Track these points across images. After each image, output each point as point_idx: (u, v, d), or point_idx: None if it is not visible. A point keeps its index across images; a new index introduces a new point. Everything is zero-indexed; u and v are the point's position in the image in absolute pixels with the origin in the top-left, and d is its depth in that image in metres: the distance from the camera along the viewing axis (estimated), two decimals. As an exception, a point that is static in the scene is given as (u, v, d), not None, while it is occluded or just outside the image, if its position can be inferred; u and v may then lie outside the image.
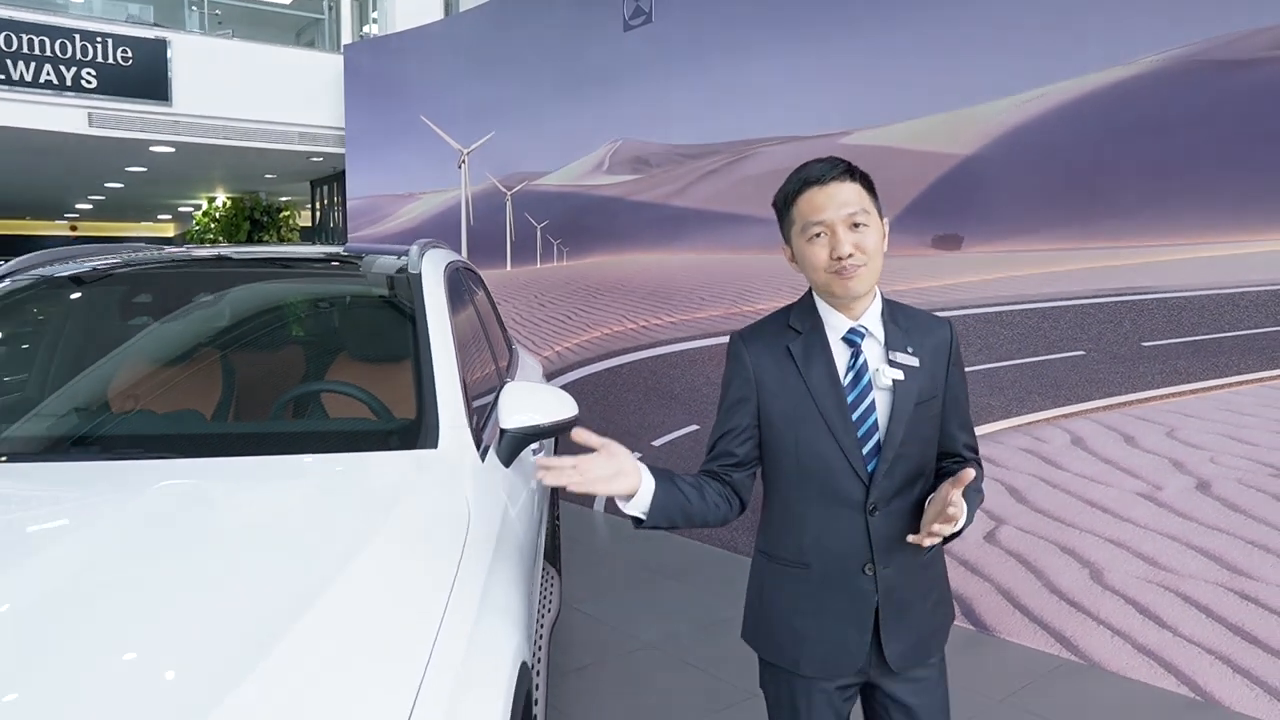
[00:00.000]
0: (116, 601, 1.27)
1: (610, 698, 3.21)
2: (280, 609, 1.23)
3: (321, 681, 1.12)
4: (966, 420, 1.69)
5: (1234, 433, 3.07)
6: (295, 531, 1.50)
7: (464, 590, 1.41)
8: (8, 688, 1.07)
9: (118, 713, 1.04)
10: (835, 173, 1.55)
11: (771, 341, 1.62)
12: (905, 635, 1.62)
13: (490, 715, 1.25)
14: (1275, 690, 2.98)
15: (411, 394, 2.14)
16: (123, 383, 2.34)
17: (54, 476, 1.77)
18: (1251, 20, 3.00)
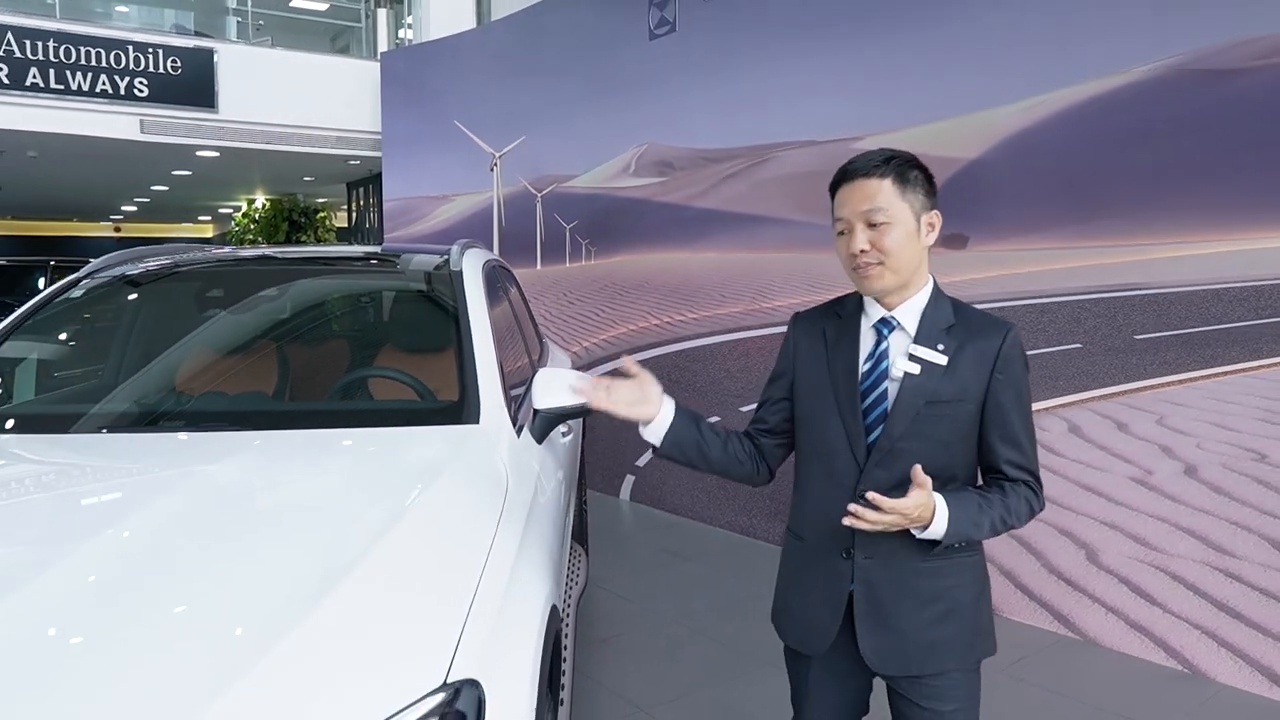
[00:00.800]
0: (216, 538, 1.55)
1: (633, 666, 3.46)
2: (350, 548, 1.50)
3: (385, 608, 1.38)
4: (1013, 435, 1.56)
5: (1219, 420, 3.26)
6: (360, 487, 1.77)
7: (503, 539, 1.67)
8: (136, 597, 1.35)
9: (226, 621, 1.31)
10: (864, 168, 1.55)
11: (815, 323, 1.68)
12: (883, 635, 1.57)
13: (526, 644, 1.50)
14: (1257, 663, 3.16)
15: (452, 380, 2.40)
16: (198, 366, 2.64)
17: (152, 445, 2.06)
18: (1237, 33, 3.18)
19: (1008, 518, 1.56)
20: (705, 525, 5.34)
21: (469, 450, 2.00)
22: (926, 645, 1.57)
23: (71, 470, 1.96)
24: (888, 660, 1.59)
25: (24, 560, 1.47)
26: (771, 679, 3.21)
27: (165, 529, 1.53)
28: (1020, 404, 1.58)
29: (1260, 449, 3.16)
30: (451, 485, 1.78)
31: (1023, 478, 1.58)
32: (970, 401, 1.55)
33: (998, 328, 1.57)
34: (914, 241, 1.54)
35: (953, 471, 1.57)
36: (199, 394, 2.50)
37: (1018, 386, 1.57)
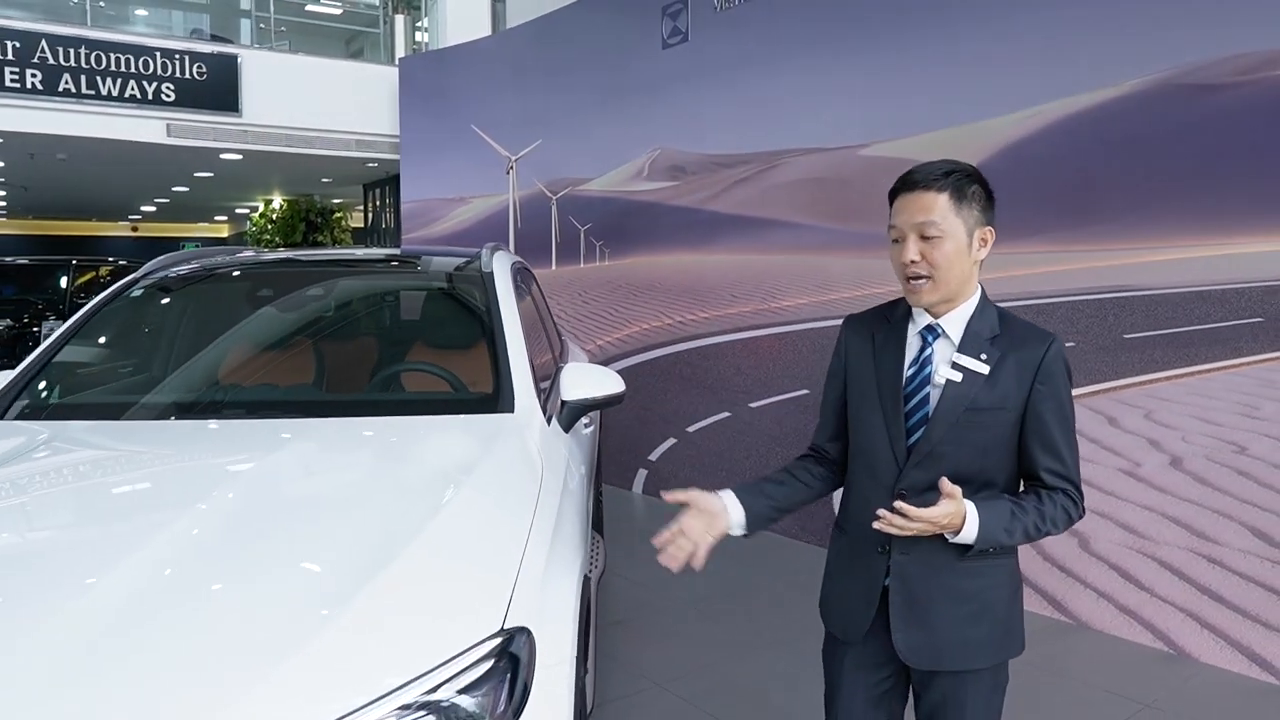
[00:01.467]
0: (293, 509, 1.77)
1: (648, 645, 3.66)
2: (414, 517, 1.71)
3: (448, 567, 1.60)
4: (1053, 444, 1.58)
5: (1202, 414, 3.45)
6: (417, 465, 1.99)
7: (542, 513, 1.87)
8: (236, 556, 1.57)
9: (312, 579, 1.53)
10: (924, 180, 1.57)
11: (866, 326, 1.72)
12: (915, 630, 1.62)
13: (566, 599, 1.71)
14: (1238, 643, 3.35)
15: (481, 373, 2.62)
16: (250, 359, 2.86)
17: (221, 430, 2.28)
18: (1220, 49, 3.37)
19: (1042, 525, 1.58)
20: (715, 517, 5.53)
21: (506, 436, 2.21)
22: (958, 643, 1.61)
23: (157, 451, 2.17)
24: (919, 654, 1.63)
25: (137, 524, 1.69)
26: (778, 659, 3.43)
27: (252, 501, 1.75)
28: (1060, 414, 1.59)
29: (1240, 441, 3.35)
30: (495, 465, 2.00)
31: (1061, 486, 1.59)
32: (1010, 410, 1.57)
33: (1042, 339, 1.60)
34: (964, 256, 1.57)
35: (990, 476, 1.59)
36: (253, 385, 2.73)
37: (1059, 397, 1.59)
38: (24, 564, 1.59)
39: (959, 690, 1.64)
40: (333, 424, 2.26)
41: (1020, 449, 1.60)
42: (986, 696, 1.66)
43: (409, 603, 1.47)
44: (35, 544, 1.72)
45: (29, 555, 1.65)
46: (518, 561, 1.60)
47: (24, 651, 1.29)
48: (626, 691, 3.23)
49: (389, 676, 1.33)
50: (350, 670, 1.33)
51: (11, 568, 1.57)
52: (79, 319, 2.81)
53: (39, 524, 1.81)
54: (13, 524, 1.78)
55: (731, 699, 3.18)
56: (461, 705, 1.36)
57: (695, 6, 5.67)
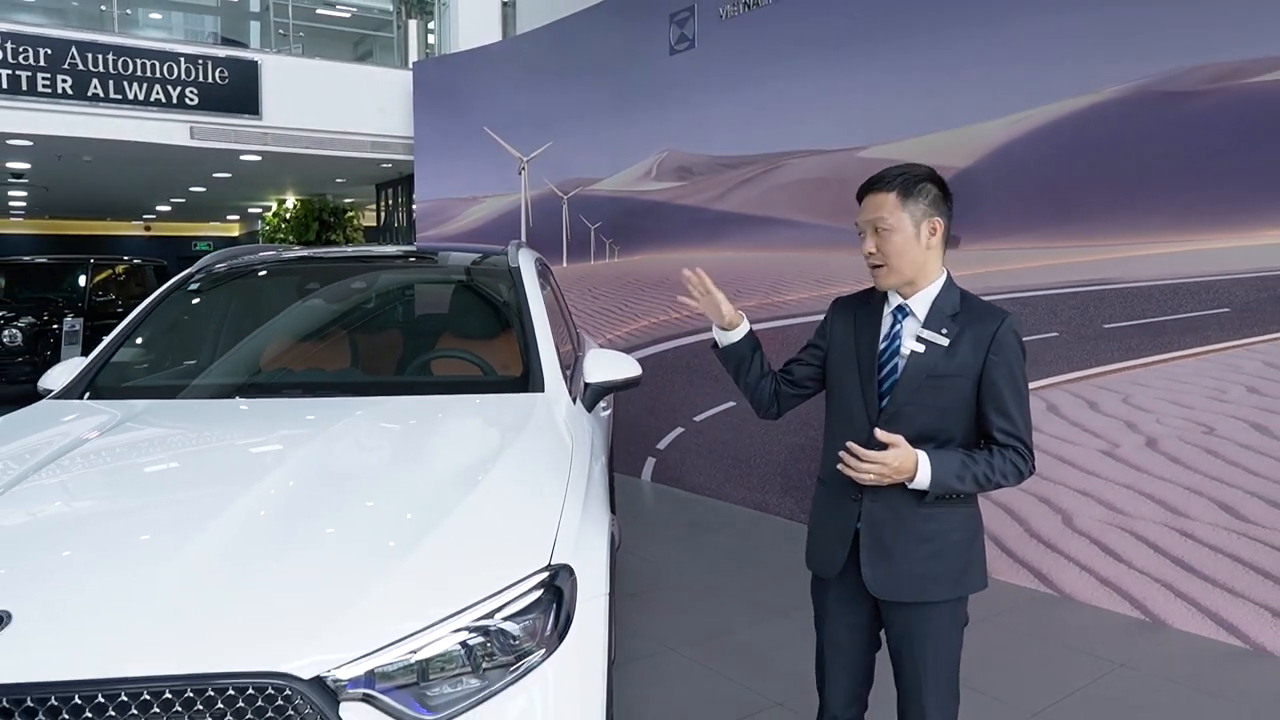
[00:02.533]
0: (365, 466, 2.05)
1: (661, 614, 3.93)
2: (467, 475, 1.98)
3: (502, 514, 1.86)
4: (1004, 406, 1.79)
5: (1175, 398, 3.71)
6: (468, 432, 2.28)
7: (576, 473, 2.14)
8: (330, 500, 1.85)
9: (387, 522, 1.80)
10: (876, 183, 1.86)
11: (848, 306, 2.00)
12: (881, 564, 1.85)
13: (600, 544, 1.96)
14: (1207, 610, 3.61)
15: (508, 359, 2.89)
16: (298, 345, 3.15)
17: (289, 406, 2.56)
18: (1194, 58, 3.63)
19: (991, 475, 1.79)
20: (723, 502, 5.81)
21: (539, 411, 2.48)
22: (918, 577, 1.84)
23: (233, 422, 2.45)
24: (884, 586, 1.86)
25: (237, 478, 1.97)
26: (783, 626, 3.70)
27: (330, 460, 2.03)
28: (1011, 380, 1.80)
29: (1209, 423, 3.62)
30: (533, 433, 2.28)
31: (1011, 443, 1.81)
32: (967, 377, 1.80)
33: (996, 316, 1.83)
34: (913, 245, 1.82)
35: (950, 435, 1.83)
36: (303, 369, 3.01)
37: (1009, 365, 1.80)
38: (151, 508, 1.88)
39: (921, 623, 1.88)
40: (385, 400, 2.54)
41: (976, 411, 1.84)
42: (946, 631, 1.89)
43: (468, 543, 1.74)
44: (154, 494, 2.00)
45: (152, 503, 1.93)
46: (559, 511, 1.87)
47: (174, 561, 1.59)
48: (642, 654, 3.50)
49: (450, 603, 1.59)
50: (420, 597, 1.59)
51: (138, 513, 1.85)
52: (143, 310, 3.09)
53: (152, 480, 2.10)
54: (128, 481, 2.07)
55: (737, 660, 3.45)
56: (508, 630, 1.62)
57: (702, 14, 5.94)
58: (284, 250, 3.65)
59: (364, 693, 1.46)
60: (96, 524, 1.83)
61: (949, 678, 1.92)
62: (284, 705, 1.41)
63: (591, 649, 1.74)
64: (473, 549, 1.72)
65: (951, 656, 1.91)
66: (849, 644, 2.00)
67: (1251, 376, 3.50)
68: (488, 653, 1.59)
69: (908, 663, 1.92)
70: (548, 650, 1.65)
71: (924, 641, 1.88)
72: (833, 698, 2.05)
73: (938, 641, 1.88)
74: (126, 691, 1.38)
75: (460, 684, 1.56)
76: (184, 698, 1.39)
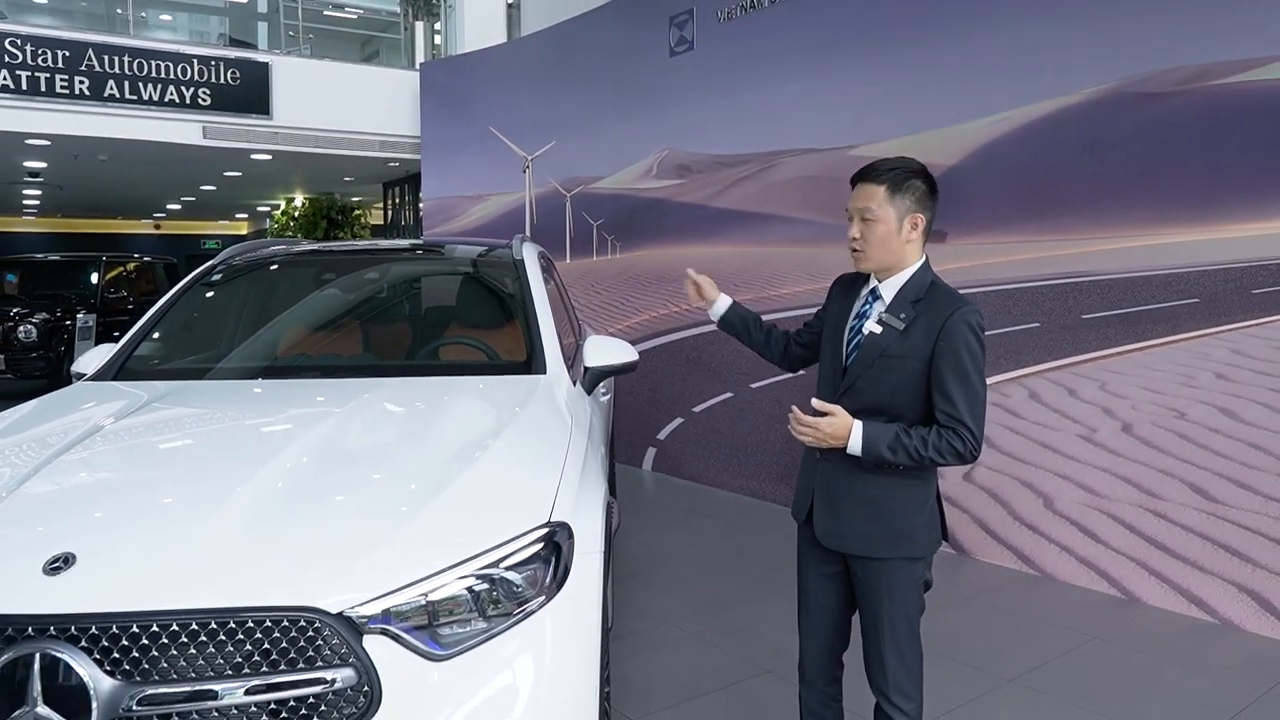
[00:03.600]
0: (384, 434, 2.25)
1: (659, 592, 4.12)
2: (475, 442, 2.17)
3: (507, 476, 2.05)
4: (947, 390, 1.92)
5: (1148, 384, 3.89)
6: (478, 407, 2.47)
7: (575, 443, 2.32)
8: (355, 458, 2.04)
9: (406, 480, 1.99)
10: (868, 174, 2.00)
11: (845, 283, 2.19)
12: (828, 517, 2.07)
13: (596, 506, 2.15)
14: (1178, 586, 3.79)
15: (512, 346, 3.08)
16: (315, 332, 3.35)
17: (306, 385, 2.75)
18: (1165, 61, 3.80)
19: (924, 450, 1.91)
20: (720, 490, 6.00)
21: (541, 390, 2.66)
22: (862, 535, 2.02)
23: (262, 398, 2.65)
24: (829, 536, 2.07)
25: (270, 441, 2.18)
26: (773, 604, 3.89)
27: (353, 427, 2.24)
28: (957, 366, 1.91)
29: (1180, 408, 3.79)
30: (536, 407, 2.46)
31: (951, 424, 1.92)
32: (917, 360, 1.94)
33: (951, 305, 1.94)
34: (894, 237, 1.97)
35: (899, 412, 1.97)
36: (320, 354, 3.21)
37: (957, 353, 1.91)
38: (192, 469, 2.09)
39: (876, 578, 2.04)
40: (400, 380, 2.74)
41: (926, 393, 1.98)
42: (902, 587, 2.03)
43: (475, 501, 1.92)
44: (193, 458, 2.20)
45: (193, 465, 2.14)
46: (559, 475, 2.06)
47: (216, 513, 1.79)
48: (641, 628, 3.69)
49: (459, 553, 1.77)
50: (432, 547, 1.78)
51: (181, 473, 2.07)
52: (169, 299, 3.28)
53: (191, 446, 2.30)
54: (170, 447, 2.27)
55: (730, 633, 3.64)
56: (511, 578, 1.80)
57: (700, 17, 6.12)
58: (298, 244, 3.84)
59: (383, 628, 1.65)
60: (145, 481, 2.03)
61: (908, 631, 2.06)
62: (314, 635, 1.61)
63: (587, 598, 1.93)
64: (480, 506, 1.91)
65: (908, 610, 2.05)
66: (820, 595, 2.17)
67: (1219, 364, 3.68)
68: (493, 598, 1.77)
69: (867, 612, 2.08)
70: (547, 597, 1.83)
71: (880, 595, 2.04)
72: (808, 650, 2.22)
73: (894, 596, 2.03)
74: (178, 621, 1.57)
75: (468, 625, 1.75)
76: (228, 628, 1.58)
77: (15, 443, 2.28)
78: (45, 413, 2.55)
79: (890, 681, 2.07)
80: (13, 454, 2.16)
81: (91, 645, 1.55)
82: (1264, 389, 3.55)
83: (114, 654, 1.55)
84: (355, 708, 1.62)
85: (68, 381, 3.03)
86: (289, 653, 1.59)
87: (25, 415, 2.52)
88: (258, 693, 1.57)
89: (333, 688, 1.60)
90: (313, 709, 1.60)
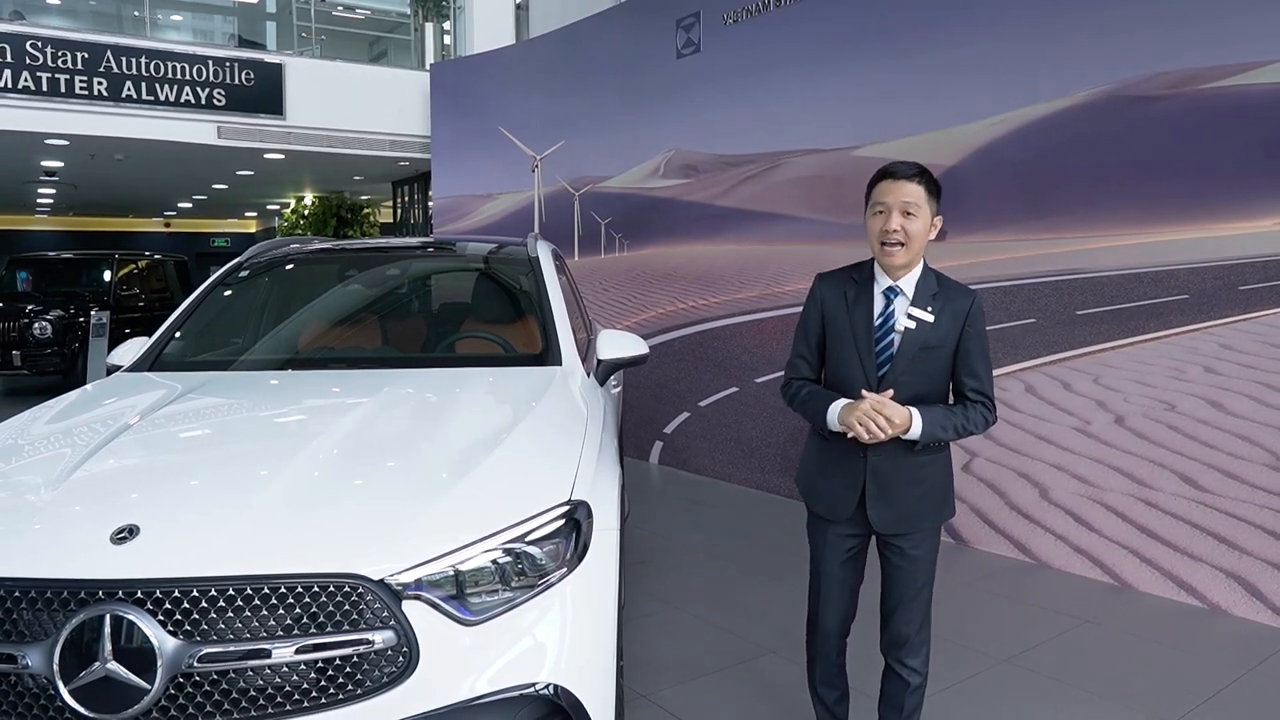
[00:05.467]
0: (414, 419, 2.41)
1: (666, 578, 4.26)
2: (499, 426, 2.32)
3: (530, 457, 2.19)
4: (975, 370, 2.17)
5: (1140, 377, 4.03)
6: (499, 394, 2.62)
7: (591, 429, 2.47)
8: (390, 439, 2.19)
9: (435, 462, 2.13)
10: (907, 172, 2.12)
11: (837, 285, 2.28)
12: (885, 507, 2.19)
13: (612, 487, 2.28)
14: (1169, 573, 3.92)
15: (527, 340, 3.22)
16: (339, 326, 3.50)
17: (335, 375, 2.91)
18: (1154, 66, 3.94)
19: (967, 425, 2.16)
20: (725, 483, 6.15)
21: (558, 380, 2.81)
22: (914, 514, 2.21)
23: (294, 386, 2.81)
24: (887, 523, 2.22)
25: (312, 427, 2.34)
26: (778, 589, 4.04)
27: (384, 413, 2.39)
28: (981, 347, 2.18)
29: (1171, 400, 3.93)
30: (554, 396, 2.61)
31: (979, 399, 2.19)
32: (948, 347, 2.16)
33: (967, 295, 2.20)
34: (925, 234, 2.14)
35: (935, 396, 2.19)
36: (344, 347, 3.36)
37: (980, 335, 2.18)
38: (241, 449, 2.25)
39: (912, 549, 2.25)
40: (422, 371, 2.89)
41: (952, 374, 2.20)
42: (932, 554, 2.29)
43: (501, 481, 2.06)
44: (241, 439, 2.36)
45: (241, 445, 2.30)
46: (577, 457, 2.21)
47: (266, 488, 1.94)
48: (650, 611, 3.84)
49: (487, 528, 1.90)
50: (461, 522, 1.91)
51: (232, 452, 2.23)
52: (198, 296, 3.43)
53: (237, 428, 2.46)
54: (218, 429, 2.45)
55: (736, 616, 3.79)
56: (531, 552, 1.94)
57: (707, 20, 6.26)
58: (319, 241, 3.99)
59: (420, 594, 1.80)
60: (198, 461, 2.19)
61: (928, 593, 2.31)
62: (358, 600, 1.75)
63: (605, 571, 2.08)
64: (505, 486, 2.05)
65: (931, 572, 2.29)
66: (842, 577, 2.34)
67: (1208, 357, 3.81)
68: (518, 570, 1.92)
69: (898, 583, 2.28)
70: (569, 569, 1.98)
71: (916, 566, 2.26)
72: (826, 627, 2.38)
73: (926, 564, 2.27)
74: (234, 586, 1.71)
75: (495, 594, 1.89)
76: (279, 592, 1.72)
77: (69, 427, 2.43)
78: (93, 400, 2.70)
79: (912, 644, 2.29)
80: (70, 437, 2.32)
81: (156, 608, 1.70)
82: (1251, 382, 3.69)
83: (176, 616, 1.70)
84: (395, 666, 1.76)
85: (82, 377, 3.18)
86: (335, 615, 1.74)
87: (73, 402, 2.68)
88: (306, 652, 1.72)
89: (374, 648, 1.75)
90: (356, 667, 1.75)
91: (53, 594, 1.71)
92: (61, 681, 1.66)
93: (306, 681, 1.73)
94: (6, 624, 1.73)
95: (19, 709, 1.71)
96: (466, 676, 1.81)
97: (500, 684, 1.83)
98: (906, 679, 2.30)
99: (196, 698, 1.70)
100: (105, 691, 1.67)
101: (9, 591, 1.73)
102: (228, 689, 1.71)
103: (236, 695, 1.71)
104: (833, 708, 2.46)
